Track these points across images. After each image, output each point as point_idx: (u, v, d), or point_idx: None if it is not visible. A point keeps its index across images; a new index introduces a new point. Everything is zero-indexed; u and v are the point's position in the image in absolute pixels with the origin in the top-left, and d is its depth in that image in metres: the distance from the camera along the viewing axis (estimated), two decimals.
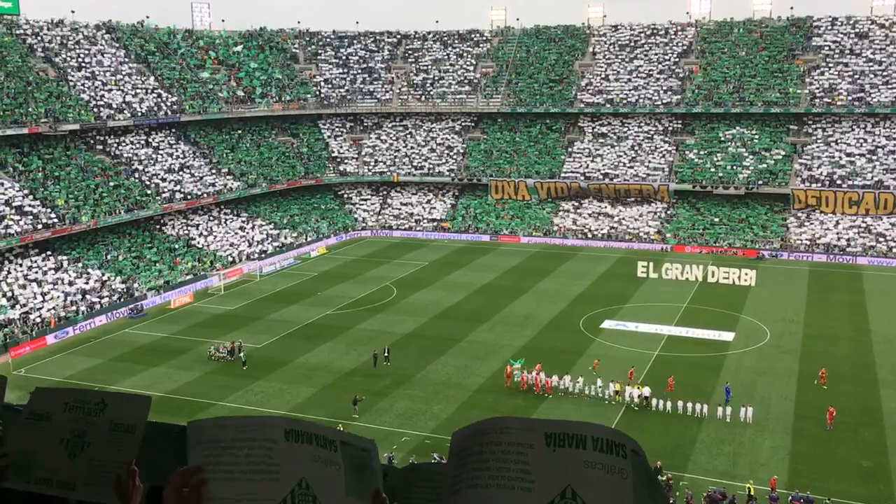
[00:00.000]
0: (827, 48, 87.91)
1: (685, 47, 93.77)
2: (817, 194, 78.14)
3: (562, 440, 1.85)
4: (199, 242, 74.05)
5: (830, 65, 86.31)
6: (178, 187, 75.85)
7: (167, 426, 2.57)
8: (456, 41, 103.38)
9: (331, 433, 2.05)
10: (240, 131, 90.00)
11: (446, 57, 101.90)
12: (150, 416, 2.36)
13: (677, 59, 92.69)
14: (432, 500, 2.51)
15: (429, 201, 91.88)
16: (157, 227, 73.78)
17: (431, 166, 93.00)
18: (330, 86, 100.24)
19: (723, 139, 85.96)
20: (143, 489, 2.32)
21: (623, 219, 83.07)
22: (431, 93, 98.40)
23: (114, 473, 2.30)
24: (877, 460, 34.01)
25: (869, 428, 37.04)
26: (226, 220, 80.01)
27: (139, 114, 78.06)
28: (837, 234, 75.30)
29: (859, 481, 32.18)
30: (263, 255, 74.87)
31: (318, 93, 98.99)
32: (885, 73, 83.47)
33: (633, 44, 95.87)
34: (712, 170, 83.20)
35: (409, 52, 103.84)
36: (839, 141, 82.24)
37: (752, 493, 30.51)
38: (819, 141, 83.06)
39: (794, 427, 37.25)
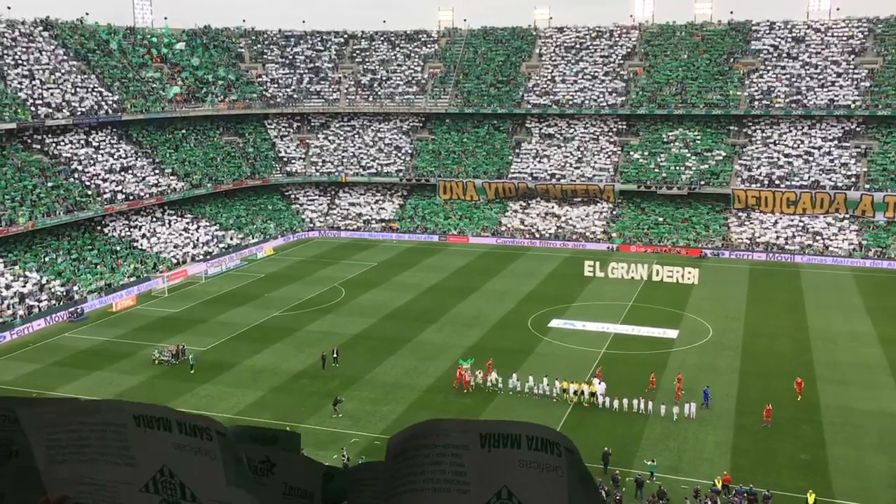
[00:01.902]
0: (765, 52, 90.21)
1: (629, 50, 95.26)
2: (757, 194, 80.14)
3: (496, 441, 1.84)
4: (141, 244, 72.59)
5: (769, 68, 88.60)
6: (119, 188, 74.22)
7: None
8: (403, 41, 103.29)
9: (202, 422, 1.90)
10: (184, 131, 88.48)
11: (394, 57, 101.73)
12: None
13: (621, 62, 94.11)
14: (381, 499, 2.48)
15: (377, 202, 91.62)
16: (98, 228, 72.09)
17: (379, 166, 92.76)
18: (276, 85, 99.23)
19: (666, 140, 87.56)
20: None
21: (570, 219, 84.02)
22: (379, 93, 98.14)
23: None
24: (815, 453, 35.03)
25: (807, 422, 38.13)
26: (170, 221, 78.57)
27: (79, 112, 76.15)
28: (776, 233, 77.35)
29: (798, 474, 33.10)
30: (209, 257, 73.74)
31: (264, 92, 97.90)
32: (820, 77, 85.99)
33: (578, 46, 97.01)
34: (656, 170, 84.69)
35: (357, 51, 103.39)
36: (777, 142, 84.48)
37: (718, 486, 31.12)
38: (758, 142, 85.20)
39: (736, 422, 38.14)
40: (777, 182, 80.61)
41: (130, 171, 77.63)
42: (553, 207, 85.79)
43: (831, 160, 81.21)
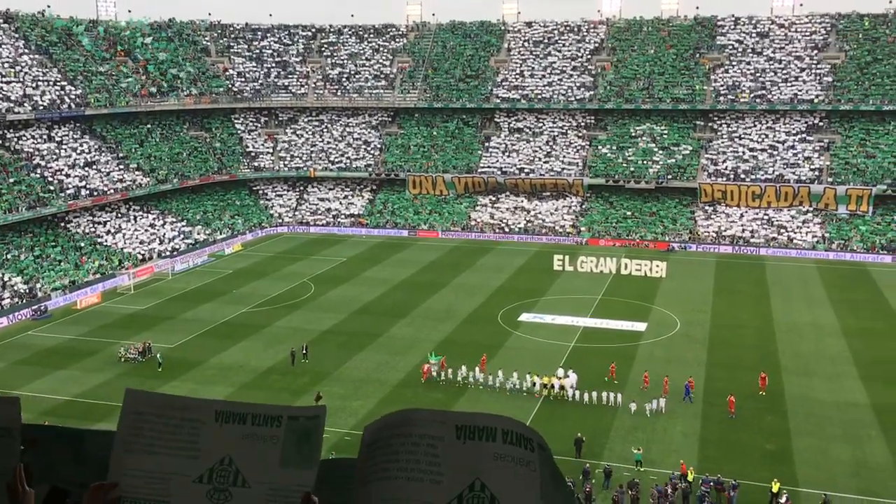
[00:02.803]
0: (731, 47, 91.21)
1: (597, 44, 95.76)
2: (723, 188, 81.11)
3: (472, 432, 1.86)
4: (106, 240, 71.54)
5: (734, 63, 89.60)
6: (83, 183, 73.05)
7: (64, 429, 2.52)
8: (372, 35, 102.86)
9: (276, 410, 2.08)
10: (149, 125, 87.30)
11: (362, 51, 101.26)
12: (53, 420, 2.28)
13: (589, 56, 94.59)
14: (344, 494, 2.46)
15: (346, 197, 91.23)
16: (62, 224, 70.90)
17: (348, 161, 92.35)
18: (243, 79, 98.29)
19: (633, 135, 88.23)
20: (42, 492, 2.29)
21: (539, 213, 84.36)
22: (347, 87, 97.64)
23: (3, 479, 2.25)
24: (780, 443, 35.59)
25: (772, 413, 38.71)
26: (135, 217, 77.54)
27: (41, 107, 74.71)
28: (742, 226, 78.35)
29: (764, 464, 33.60)
30: (175, 253, 72.90)
31: (231, 86, 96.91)
32: (784, 72, 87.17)
33: (546, 40, 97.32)
34: (624, 165, 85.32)
35: (325, 45, 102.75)
36: (742, 136, 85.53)
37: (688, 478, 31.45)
38: (724, 137, 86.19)
39: (703, 413, 38.61)
40: (742, 176, 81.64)
41: (94, 167, 76.44)
42: (522, 202, 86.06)
43: (795, 154, 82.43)
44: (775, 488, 30.58)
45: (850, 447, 35.10)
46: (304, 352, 46.37)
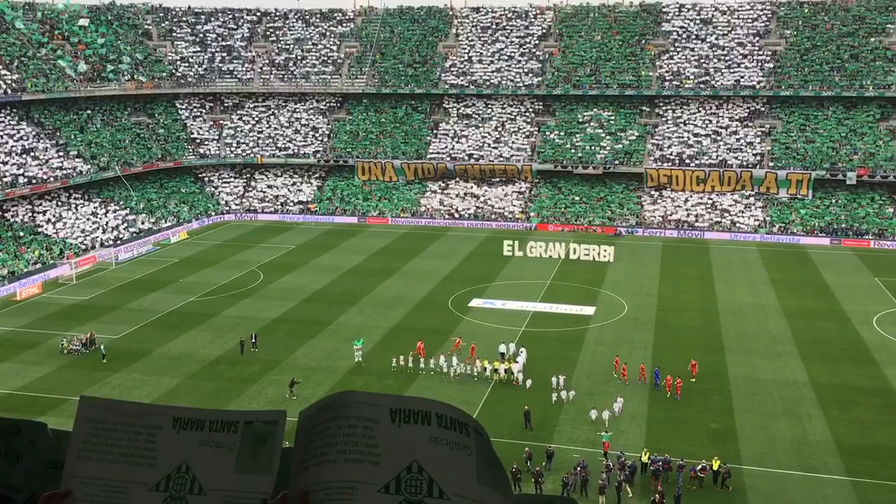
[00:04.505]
0: (675, 34, 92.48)
1: (545, 30, 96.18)
2: (668, 173, 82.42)
3: (407, 416, 1.87)
4: (46, 230, 69.67)
5: (678, 49, 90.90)
6: (21, 171, 70.94)
7: None
8: (318, 20, 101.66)
9: (233, 416, 2.05)
10: (89, 111, 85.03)
11: (309, 36, 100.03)
12: None
13: (537, 42, 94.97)
14: (283, 482, 2.46)
15: (294, 183, 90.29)
16: (0, 213, 68.84)
17: (296, 147, 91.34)
18: (187, 64, 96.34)
19: (581, 120, 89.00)
20: None
21: (489, 199, 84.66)
22: (294, 72, 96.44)
23: None
24: (724, 422, 36.47)
25: (717, 392, 39.63)
26: (76, 205, 75.61)
27: None
28: (687, 210, 79.79)
29: (709, 442, 34.41)
30: (119, 242, 71.35)
31: (174, 71, 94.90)
32: (727, 58, 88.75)
33: (494, 26, 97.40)
34: (572, 150, 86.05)
35: (270, 30, 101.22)
36: (687, 122, 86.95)
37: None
38: (669, 122, 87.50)
39: (650, 394, 39.34)
40: (687, 161, 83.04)
41: (32, 154, 74.26)
42: (472, 188, 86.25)
43: (738, 139, 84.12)
44: (716, 465, 31.38)
45: (790, 424, 36.15)
46: (254, 341, 45.89)
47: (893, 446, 34.04)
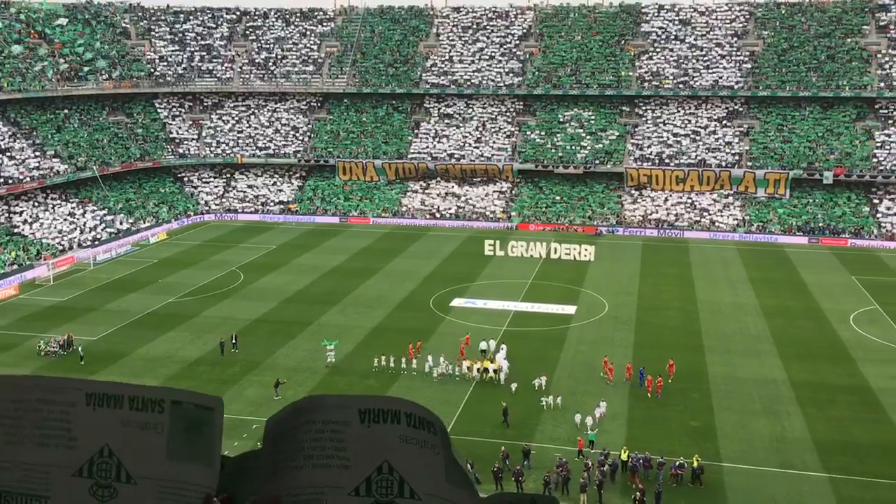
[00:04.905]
0: (654, 34, 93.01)
1: (525, 30, 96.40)
2: (648, 173, 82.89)
3: (376, 416, 1.85)
4: (23, 230, 68.91)
5: (658, 50, 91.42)
6: None
7: None
8: (298, 19, 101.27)
9: (158, 392, 1.88)
10: (66, 111, 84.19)
11: (289, 35, 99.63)
12: None
13: (518, 42, 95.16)
14: (253, 489, 2.40)
15: (275, 183, 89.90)
16: None
17: (277, 147, 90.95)
18: (165, 63, 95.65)
19: (562, 120, 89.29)
20: None
21: (470, 198, 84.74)
22: (275, 72, 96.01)
23: None
24: (704, 420, 36.74)
25: (696, 391, 39.91)
26: (53, 205, 74.85)
27: None
28: (667, 209, 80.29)
29: (689, 440, 34.65)
30: (97, 243, 70.70)
31: (152, 70, 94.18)
32: (706, 59, 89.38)
33: (475, 26, 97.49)
34: (553, 150, 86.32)
35: (250, 29, 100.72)
36: (666, 122, 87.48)
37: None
38: (649, 122, 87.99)
39: (631, 393, 39.54)
40: (667, 161, 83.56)
41: (8, 154, 73.43)
42: (453, 187, 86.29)
43: (716, 139, 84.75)
44: (695, 463, 31.63)
45: (769, 421, 36.48)
46: (234, 341, 45.64)
47: (870, 443, 34.46)
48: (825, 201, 78.45)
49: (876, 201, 77.94)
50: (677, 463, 31.75)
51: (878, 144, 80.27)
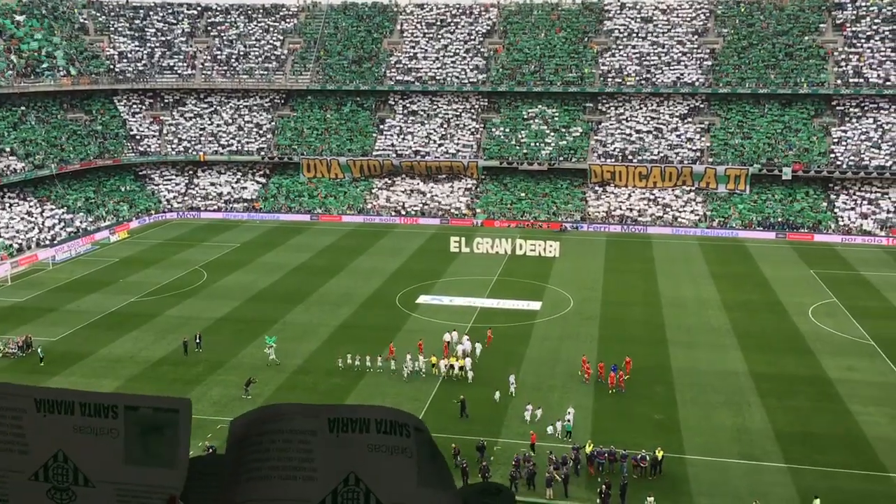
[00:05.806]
0: (617, 31, 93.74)
1: (489, 27, 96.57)
2: (612, 169, 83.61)
3: (345, 425, 1.82)
4: None
5: (620, 47, 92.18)
6: None
7: None
8: (261, 15, 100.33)
9: (110, 399, 1.86)
10: (23, 108, 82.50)
11: (251, 32, 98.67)
12: None
13: (482, 39, 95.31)
14: (212, 495, 2.35)
15: (238, 181, 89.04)
16: None
17: (240, 145, 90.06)
18: (125, 60, 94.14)
19: (526, 117, 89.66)
20: None
21: (435, 195, 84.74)
22: (237, 68, 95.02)
23: None
24: (667, 414, 37.20)
25: (660, 384, 40.39)
26: (10, 204, 73.34)
27: None
28: (630, 205, 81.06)
29: (653, 433, 35.06)
30: (56, 242, 69.44)
31: (111, 67, 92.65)
32: (667, 56, 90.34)
33: (439, 23, 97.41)
34: (517, 147, 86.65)
35: (212, 25, 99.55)
36: (629, 119, 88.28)
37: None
38: (612, 119, 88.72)
39: (596, 388, 39.89)
40: (630, 157, 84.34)
41: None
42: (418, 184, 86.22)
43: (678, 136, 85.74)
44: (659, 455, 32.04)
45: (731, 414, 37.05)
46: (198, 341, 45.16)
47: (829, 433, 35.18)
48: (784, 197, 79.83)
49: (833, 196, 79.53)
50: (639, 455, 32.14)
51: (836, 140, 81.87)
